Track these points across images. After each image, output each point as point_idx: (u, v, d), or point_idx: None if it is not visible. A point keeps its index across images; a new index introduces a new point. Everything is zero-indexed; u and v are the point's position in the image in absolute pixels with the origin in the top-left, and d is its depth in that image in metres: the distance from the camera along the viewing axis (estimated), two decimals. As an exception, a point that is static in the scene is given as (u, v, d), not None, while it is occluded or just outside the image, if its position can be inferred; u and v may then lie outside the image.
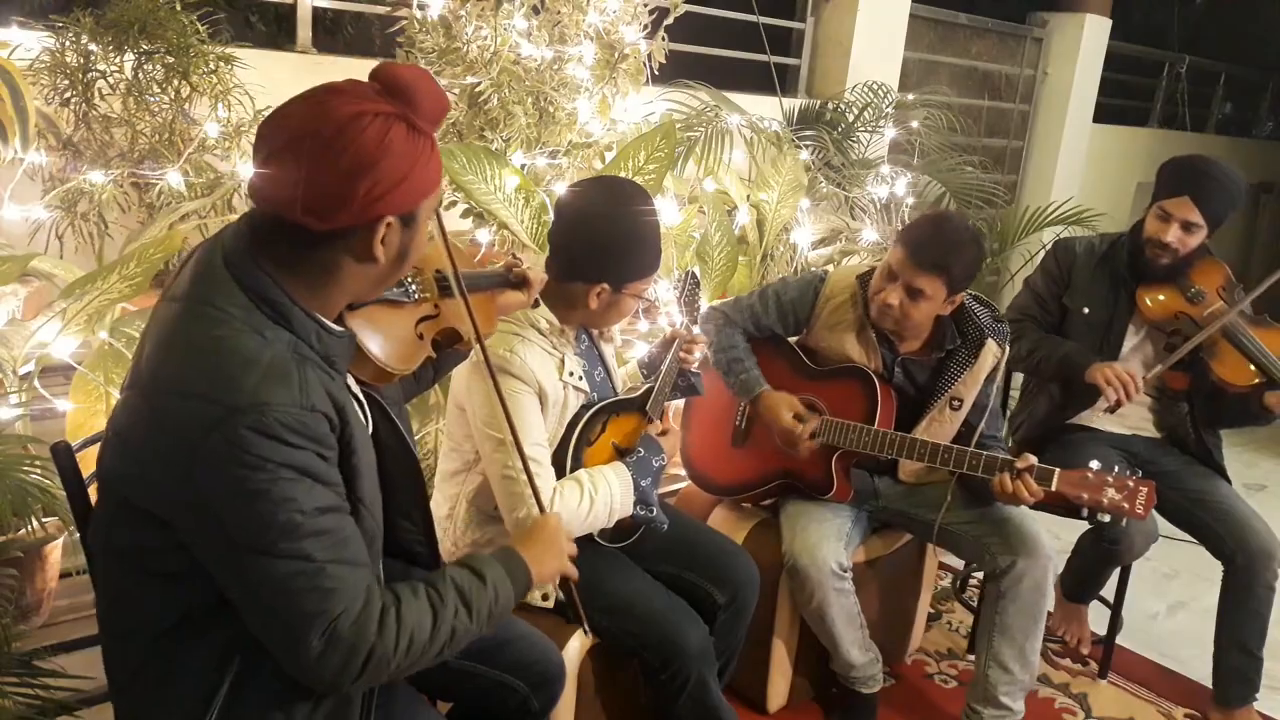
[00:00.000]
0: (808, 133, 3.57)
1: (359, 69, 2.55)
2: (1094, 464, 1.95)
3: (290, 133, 1.08)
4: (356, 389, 1.33)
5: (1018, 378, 2.83)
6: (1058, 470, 1.96)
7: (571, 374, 1.81)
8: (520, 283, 1.67)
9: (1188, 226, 2.35)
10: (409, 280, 1.37)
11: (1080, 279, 2.56)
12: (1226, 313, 2.34)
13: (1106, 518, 1.96)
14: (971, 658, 2.73)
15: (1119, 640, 2.71)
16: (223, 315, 1.09)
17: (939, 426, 2.20)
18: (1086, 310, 2.53)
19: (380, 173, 1.07)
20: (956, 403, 2.20)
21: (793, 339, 2.37)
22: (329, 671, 1.09)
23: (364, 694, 1.27)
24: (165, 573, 1.13)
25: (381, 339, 1.30)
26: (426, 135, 1.12)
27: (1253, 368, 2.33)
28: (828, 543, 2.13)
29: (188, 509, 1.08)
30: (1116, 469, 1.95)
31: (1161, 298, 2.44)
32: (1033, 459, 1.99)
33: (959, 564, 3.16)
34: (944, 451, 2.06)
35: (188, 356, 1.08)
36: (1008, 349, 2.23)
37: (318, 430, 1.09)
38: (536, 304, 1.77)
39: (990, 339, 2.18)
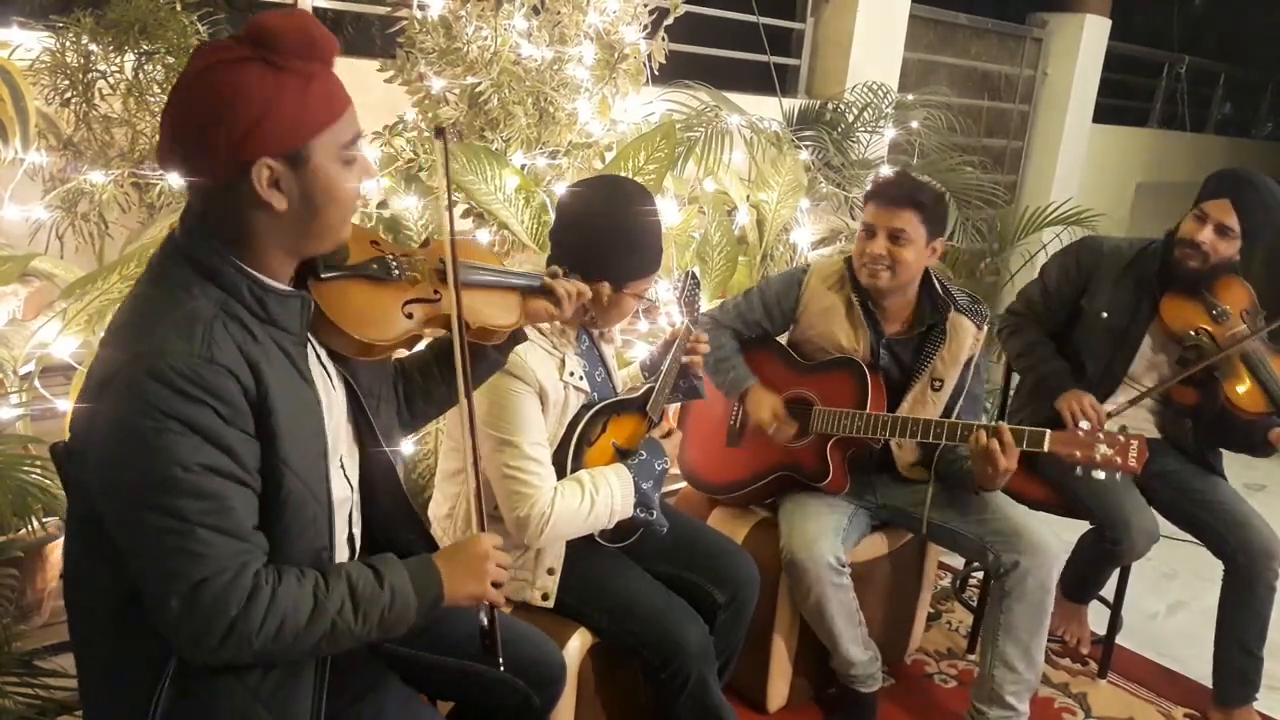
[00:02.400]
0: (808, 133, 3.56)
1: (359, 69, 2.56)
2: (1084, 424, 1.96)
3: (169, 98, 1.12)
4: (329, 365, 1.31)
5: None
6: (1048, 431, 1.97)
7: (572, 374, 1.81)
8: (547, 293, 1.58)
9: (1222, 230, 2.34)
10: (393, 260, 1.34)
11: (1103, 282, 2.53)
12: (1248, 336, 2.34)
13: (1101, 474, 1.96)
14: (971, 657, 2.73)
15: (1119, 640, 2.72)
16: (159, 279, 1.15)
17: (921, 409, 2.22)
18: (1105, 315, 2.51)
19: (233, 117, 1.07)
20: (937, 383, 2.23)
21: (782, 337, 2.39)
22: (185, 636, 1.09)
23: (316, 665, 1.25)
24: (110, 547, 1.12)
25: (353, 310, 1.27)
26: (296, 73, 1.10)
27: (1264, 396, 2.33)
28: (825, 538, 2.14)
29: (90, 456, 1.10)
30: (1107, 425, 1.96)
31: (1185, 310, 2.42)
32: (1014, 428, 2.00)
33: (959, 564, 3.16)
34: (935, 426, 2.08)
35: (120, 315, 1.15)
36: (985, 330, 2.26)
37: (216, 384, 1.08)
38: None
39: (961, 315, 2.22)
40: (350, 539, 1.39)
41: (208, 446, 1.08)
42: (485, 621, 1.35)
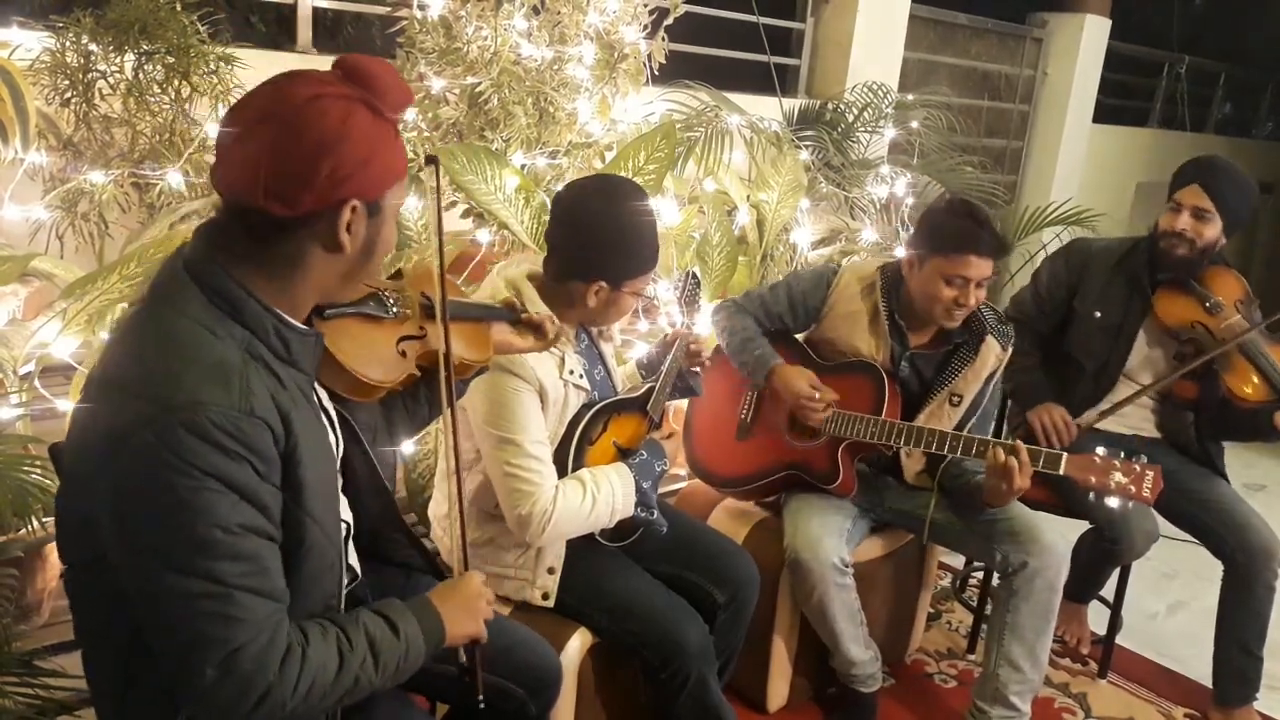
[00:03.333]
0: (808, 133, 3.57)
1: (359, 69, 2.56)
2: (1100, 449, 1.97)
3: (251, 117, 1.06)
4: (329, 405, 1.30)
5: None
6: (1065, 454, 1.97)
7: (572, 372, 1.81)
8: (531, 326, 1.63)
9: (1199, 214, 2.36)
10: (388, 296, 1.34)
11: (1094, 282, 2.55)
12: (1247, 330, 2.34)
13: (1114, 502, 1.96)
14: (971, 657, 2.73)
15: (1119, 640, 2.72)
16: (174, 314, 1.07)
17: (937, 422, 2.21)
18: (1098, 314, 2.52)
19: (342, 154, 1.05)
20: (956, 399, 2.21)
21: (801, 335, 2.38)
22: (218, 703, 1.04)
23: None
24: (114, 588, 1.07)
25: (356, 349, 1.26)
26: (390, 123, 1.11)
27: (1266, 384, 2.33)
28: (830, 538, 2.13)
29: (107, 509, 1.03)
30: (1123, 454, 1.96)
31: (1179, 305, 2.42)
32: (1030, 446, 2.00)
33: (959, 563, 3.16)
34: (951, 439, 2.07)
35: (132, 354, 1.07)
36: (1010, 350, 2.24)
37: (254, 438, 1.03)
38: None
39: (991, 336, 2.20)
40: (349, 568, 1.39)
41: (244, 504, 1.03)
42: (465, 659, 1.36)
